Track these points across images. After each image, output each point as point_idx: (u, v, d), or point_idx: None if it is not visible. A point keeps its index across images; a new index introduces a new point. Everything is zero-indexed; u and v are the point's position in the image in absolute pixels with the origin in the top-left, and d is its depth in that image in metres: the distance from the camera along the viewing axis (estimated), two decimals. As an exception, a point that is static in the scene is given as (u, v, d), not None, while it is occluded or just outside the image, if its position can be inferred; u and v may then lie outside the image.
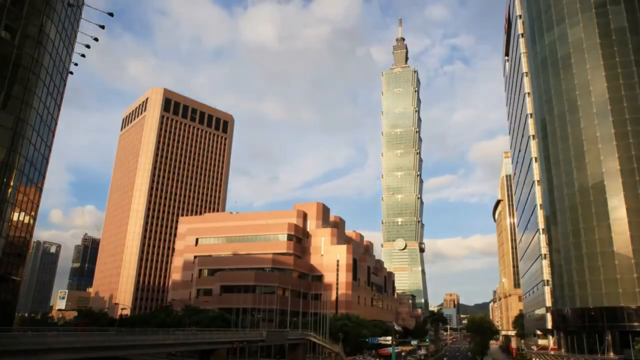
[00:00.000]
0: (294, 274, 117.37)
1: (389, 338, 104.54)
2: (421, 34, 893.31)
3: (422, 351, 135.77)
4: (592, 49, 66.52)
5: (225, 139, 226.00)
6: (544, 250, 76.87)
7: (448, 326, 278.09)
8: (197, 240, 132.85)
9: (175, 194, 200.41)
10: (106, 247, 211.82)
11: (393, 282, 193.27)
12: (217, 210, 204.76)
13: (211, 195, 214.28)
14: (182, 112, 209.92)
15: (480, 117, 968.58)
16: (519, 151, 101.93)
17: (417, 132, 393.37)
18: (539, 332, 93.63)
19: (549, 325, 76.20)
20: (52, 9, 57.46)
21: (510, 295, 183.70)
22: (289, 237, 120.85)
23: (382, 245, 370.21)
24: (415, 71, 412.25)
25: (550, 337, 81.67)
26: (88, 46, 63.43)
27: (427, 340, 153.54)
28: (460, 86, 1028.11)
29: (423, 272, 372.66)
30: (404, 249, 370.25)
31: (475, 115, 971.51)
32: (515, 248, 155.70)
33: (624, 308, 57.45)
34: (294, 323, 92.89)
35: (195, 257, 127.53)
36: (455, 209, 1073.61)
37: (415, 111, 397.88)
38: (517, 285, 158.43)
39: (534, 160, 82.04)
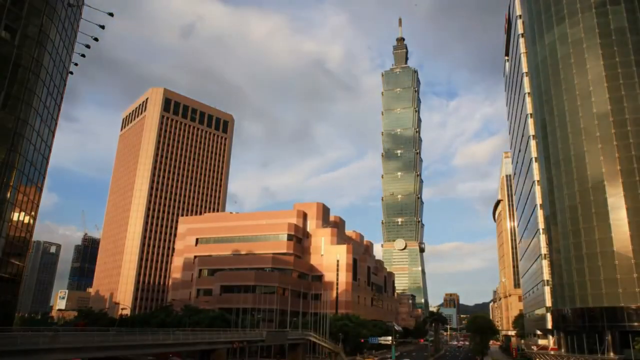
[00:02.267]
0: (294, 273, 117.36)
1: (389, 338, 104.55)
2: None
3: None
4: (592, 49, 66.61)
5: (225, 139, 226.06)
6: (544, 250, 76.96)
7: (448, 326, 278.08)
8: (197, 240, 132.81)
9: (175, 194, 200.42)
10: (106, 247, 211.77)
11: (393, 282, 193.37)
12: (217, 210, 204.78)
13: (211, 195, 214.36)
14: (182, 112, 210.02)
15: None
16: (519, 151, 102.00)
17: (417, 131, 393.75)
18: (539, 332, 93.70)
19: (549, 325, 76.27)
20: (52, 9, 57.43)
21: (510, 295, 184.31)
22: (289, 237, 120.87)
23: (382, 245, 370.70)
24: (415, 71, 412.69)
25: (550, 337, 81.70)
26: (88, 46, 63.51)
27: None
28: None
29: (423, 272, 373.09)
30: (404, 249, 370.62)
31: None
32: (515, 248, 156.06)
33: (624, 308, 57.50)
34: (294, 323, 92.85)
35: (195, 257, 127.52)
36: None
37: (415, 111, 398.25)
38: (517, 285, 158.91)
39: (534, 160, 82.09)
